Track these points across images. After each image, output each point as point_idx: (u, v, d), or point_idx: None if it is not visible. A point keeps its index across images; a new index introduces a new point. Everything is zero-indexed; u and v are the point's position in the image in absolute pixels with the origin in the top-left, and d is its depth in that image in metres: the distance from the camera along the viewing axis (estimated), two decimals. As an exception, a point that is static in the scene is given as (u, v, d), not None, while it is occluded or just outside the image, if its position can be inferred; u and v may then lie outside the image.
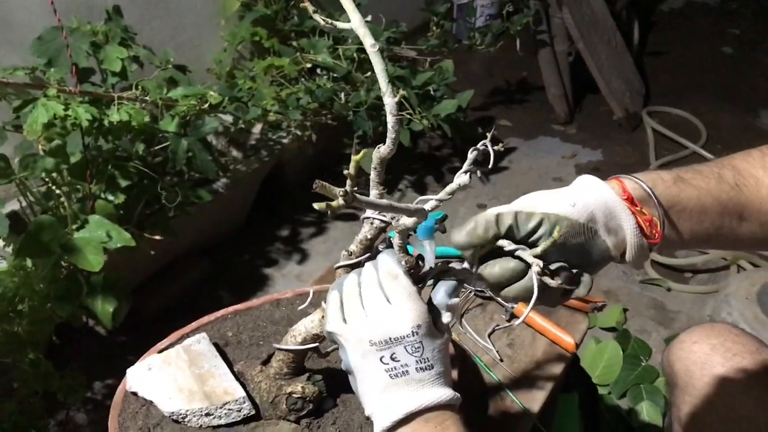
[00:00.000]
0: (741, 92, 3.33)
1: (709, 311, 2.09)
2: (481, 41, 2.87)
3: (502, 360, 1.15)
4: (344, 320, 0.73)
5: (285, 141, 2.31)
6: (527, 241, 0.74)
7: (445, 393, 0.68)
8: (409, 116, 2.30)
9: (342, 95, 2.24)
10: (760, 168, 0.80)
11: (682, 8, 4.24)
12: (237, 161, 2.21)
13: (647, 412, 1.77)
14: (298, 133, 2.24)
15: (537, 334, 1.19)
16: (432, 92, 2.44)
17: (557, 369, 1.15)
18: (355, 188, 0.61)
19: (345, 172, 0.61)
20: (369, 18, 0.73)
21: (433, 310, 0.74)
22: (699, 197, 0.77)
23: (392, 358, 0.68)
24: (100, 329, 2.01)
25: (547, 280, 0.71)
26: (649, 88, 3.33)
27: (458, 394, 0.70)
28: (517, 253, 0.73)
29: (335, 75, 2.28)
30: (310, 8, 0.79)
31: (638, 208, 0.74)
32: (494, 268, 0.75)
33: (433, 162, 2.83)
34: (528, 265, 0.73)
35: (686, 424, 1.09)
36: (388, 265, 0.74)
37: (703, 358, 1.08)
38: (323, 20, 0.77)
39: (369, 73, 2.30)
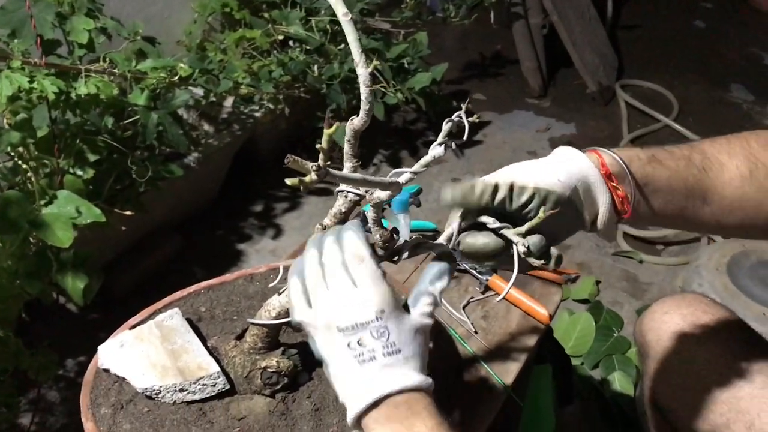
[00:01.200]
0: (712, 65, 3.36)
1: (680, 283, 2.12)
2: (456, 14, 2.84)
3: (476, 332, 1.15)
4: (309, 305, 0.71)
5: (257, 114, 2.28)
6: (515, 213, 0.75)
7: (414, 378, 0.67)
8: (383, 89, 2.29)
9: (315, 68, 2.21)
10: (725, 153, 0.83)
11: (656, -19, 4.25)
12: (209, 135, 2.18)
13: (619, 382, 1.80)
14: (271, 106, 2.22)
15: (511, 306, 1.20)
16: (406, 65, 2.43)
17: (531, 341, 1.16)
18: (329, 163, 0.60)
19: (318, 146, 0.60)
20: None
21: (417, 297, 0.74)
22: (669, 178, 0.79)
23: (359, 344, 0.67)
24: (72, 306, 1.98)
25: (532, 260, 0.72)
26: (623, 62, 3.34)
27: (430, 379, 0.68)
28: (503, 231, 0.74)
29: (308, 47, 2.25)
30: (281, -24, 0.78)
31: (614, 184, 0.77)
32: (476, 240, 0.76)
33: (408, 136, 2.82)
34: (509, 241, 0.74)
35: (658, 393, 1.11)
36: (355, 245, 0.72)
37: (674, 329, 1.10)
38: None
39: (342, 46, 2.28)
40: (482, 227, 0.77)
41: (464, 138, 0.82)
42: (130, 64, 1.72)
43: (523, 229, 0.72)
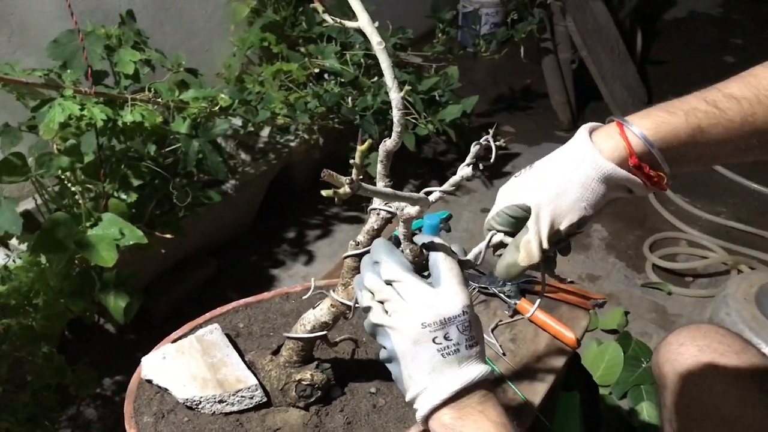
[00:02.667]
0: (742, 101, 3.35)
1: (708, 314, 2.12)
2: (486, 48, 2.90)
3: (504, 354, 1.18)
4: (386, 312, 0.75)
5: (292, 144, 2.34)
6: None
7: (486, 368, 0.72)
8: (414, 121, 2.34)
9: (349, 99, 2.27)
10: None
11: (686, 18, 4.28)
12: (245, 163, 2.25)
13: (647, 412, 1.80)
14: (306, 136, 2.28)
15: (539, 329, 1.22)
16: (437, 97, 2.48)
17: (558, 363, 1.18)
18: (361, 177, 0.65)
19: (351, 161, 0.65)
20: (376, 24, 0.77)
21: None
22: (715, 150, 0.78)
23: (445, 338, 0.71)
24: (110, 327, 2.04)
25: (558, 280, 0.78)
26: (652, 96, 3.36)
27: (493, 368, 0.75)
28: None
29: (342, 80, 2.32)
30: (320, 8, 0.83)
31: (646, 171, 0.77)
32: (504, 258, 0.82)
33: (438, 167, 2.87)
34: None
35: (676, 425, 1.11)
36: (443, 259, 0.78)
37: (691, 360, 1.10)
38: (332, 19, 0.80)
39: (376, 78, 2.34)
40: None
41: (491, 160, 0.86)
42: (173, 94, 1.80)
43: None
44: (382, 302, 0.75)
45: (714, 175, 2.82)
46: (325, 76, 2.38)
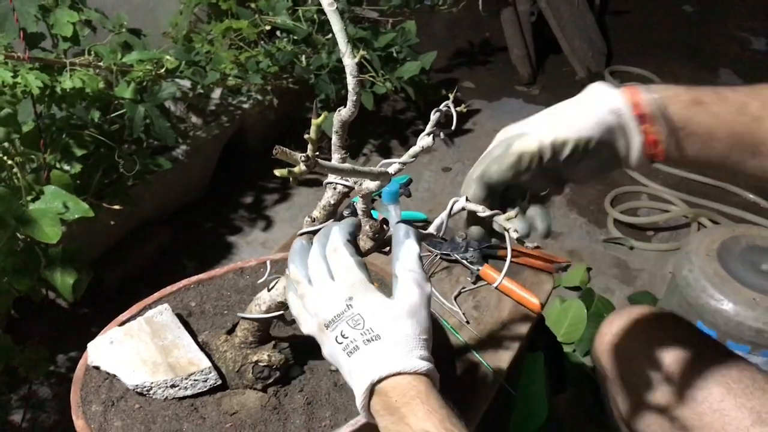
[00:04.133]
0: (701, 50, 3.36)
1: (670, 268, 2.13)
2: (444, 1, 2.83)
3: (468, 322, 1.15)
4: (304, 308, 0.72)
5: (246, 106, 2.27)
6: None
7: (399, 363, 0.64)
8: (371, 79, 2.27)
9: (303, 58, 2.20)
10: None
11: (644, -33, 4.25)
12: (197, 127, 2.17)
13: (611, 368, 1.81)
14: (259, 97, 2.20)
15: (502, 295, 1.20)
16: (395, 54, 2.42)
17: (523, 329, 1.15)
18: (317, 153, 0.60)
19: (306, 136, 0.60)
20: None
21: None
22: (712, 125, 0.73)
23: (343, 335, 0.66)
24: (62, 302, 1.97)
25: (527, 244, 0.72)
26: (611, 48, 3.34)
27: (423, 362, 0.65)
28: (495, 219, 0.73)
29: (295, 37, 2.24)
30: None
31: (647, 125, 0.72)
32: (473, 232, 0.77)
33: (397, 125, 2.81)
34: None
35: (626, 415, 1.09)
36: (333, 238, 0.72)
37: (627, 347, 1.08)
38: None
39: (330, 35, 2.26)
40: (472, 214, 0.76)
41: (452, 128, 0.81)
42: (116, 57, 1.70)
43: (513, 213, 0.72)
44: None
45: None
46: (277, 33, 2.29)
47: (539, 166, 0.71)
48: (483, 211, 0.73)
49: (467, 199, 0.75)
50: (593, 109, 0.72)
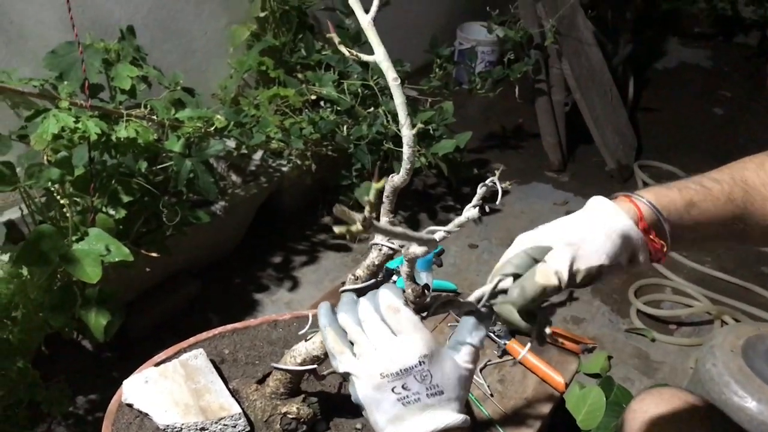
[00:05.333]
0: (729, 151, 3.39)
1: (692, 363, 2.12)
2: (481, 86, 2.93)
3: (492, 395, 1.16)
4: (354, 355, 0.74)
5: (285, 169, 2.34)
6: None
7: (455, 417, 0.70)
8: (407, 153, 2.34)
9: (344, 128, 2.28)
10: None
11: (677, 68, 4.35)
12: (236, 185, 2.24)
13: (627, 459, 1.78)
14: (298, 162, 2.27)
15: (528, 371, 1.21)
16: (431, 131, 2.49)
17: (546, 408, 1.16)
18: (373, 215, 0.64)
19: (365, 199, 0.64)
20: (374, 57, 0.77)
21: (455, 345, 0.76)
22: (706, 220, 0.82)
23: (404, 387, 0.70)
24: (87, 343, 2.00)
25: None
26: (642, 143, 3.40)
27: (468, 417, 0.72)
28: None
29: (339, 108, 2.33)
30: (336, 39, 0.83)
31: (652, 236, 0.78)
32: (512, 314, 0.78)
33: (427, 199, 2.87)
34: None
35: None
36: (389, 298, 0.76)
37: (656, 427, 1.10)
38: (348, 51, 0.80)
39: (372, 109, 2.35)
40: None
41: (497, 202, 0.85)
42: (169, 112, 1.79)
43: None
44: (352, 343, 0.75)
45: (700, 225, 2.84)
46: (322, 103, 2.38)
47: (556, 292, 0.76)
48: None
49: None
50: (605, 233, 0.76)
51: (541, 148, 3.23)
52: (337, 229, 0.61)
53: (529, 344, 0.78)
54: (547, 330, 0.77)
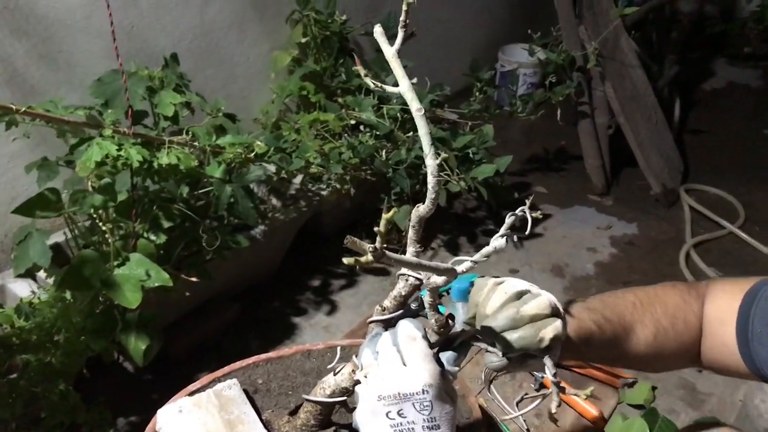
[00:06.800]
0: (779, 174, 3.31)
1: (741, 396, 2.04)
2: (523, 108, 2.91)
3: (528, 430, 1.14)
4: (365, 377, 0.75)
5: (324, 193, 2.35)
6: None
7: None
8: (447, 177, 2.33)
9: (383, 153, 2.28)
10: (638, 323, 0.99)
11: (724, 88, 4.26)
12: (275, 210, 2.26)
13: (672, 495, 1.72)
14: (337, 186, 2.28)
15: (565, 405, 1.18)
16: (471, 155, 2.48)
17: (583, 443, 1.13)
18: (385, 245, 0.63)
19: (375, 229, 0.64)
20: (415, 80, 0.76)
21: (446, 377, 0.76)
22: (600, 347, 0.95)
23: (399, 414, 0.69)
24: (128, 365, 2.03)
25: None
26: (688, 166, 3.33)
27: None
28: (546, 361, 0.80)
29: (378, 133, 2.33)
30: (362, 71, 0.83)
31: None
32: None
33: (467, 223, 2.85)
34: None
35: None
36: (408, 328, 0.77)
37: None
38: (373, 83, 0.80)
39: (411, 133, 2.35)
40: None
41: (526, 232, 0.84)
42: (210, 139, 1.81)
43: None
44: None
45: (746, 248, 2.76)
46: (361, 128, 2.39)
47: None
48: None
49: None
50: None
51: (584, 171, 3.19)
52: (346, 260, 0.61)
53: (566, 378, 0.76)
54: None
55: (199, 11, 2.25)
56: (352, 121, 2.33)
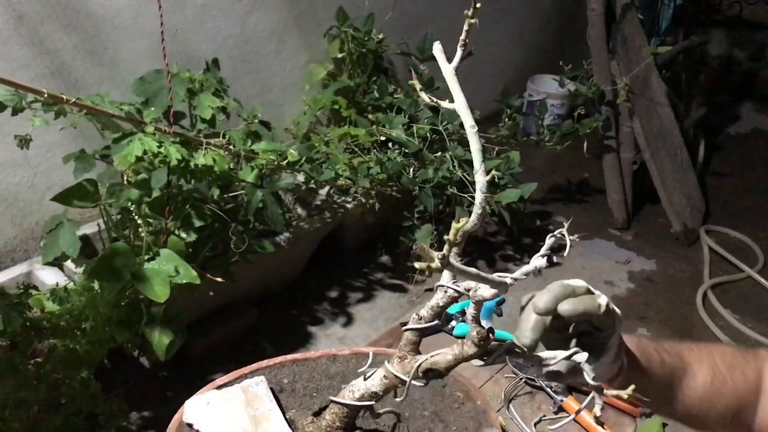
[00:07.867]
0: (801, 222, 3.30)
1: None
2: (549, 138, 2.93)
3: (545, 451, 1.15)
4: None
5: (349, 205, 2.38)
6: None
7: None
8: (471, 200, 2.36)
9: (411, 170, 2.31)
10: (696, 362, 0.94)
11: (749, 134, 4.27)
12: (301, 218, 2.29)
13: None
14: (363, 200, 2.31)
15: (583, 429, 1.19)
16: (496, 180, 2.50)
17: (599, 469, 1.14)
18: (452, 253, 0.66)
19: (445, 237, 0.66)
20: (446, 102, 0.79)
21: None
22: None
23: None
24: (145, 361, 2.05)
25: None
26: (709, 207, 3.33)
27: None
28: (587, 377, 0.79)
29: (406, 150, 2.36)
30: (418, 86, 0.86)
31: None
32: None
33: (487, 247, 2.86)
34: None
35: None
36: None
37: None
38: (429, 98, 0.83)
39: (439, 153, 2.38)
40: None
41: (565, 253, 0.86)
42: (245, 144, 1.85)
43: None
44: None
45: (764, 293, 2.75)
46: (390, 144, 2.42)
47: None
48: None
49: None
50: None
51: (606, 205, 3.20)
52: (418, 265, 0.63)
53: (587, 401, 0.77)
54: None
55: (241, 20, 2.30)
56: (382, 138, 2.36)
